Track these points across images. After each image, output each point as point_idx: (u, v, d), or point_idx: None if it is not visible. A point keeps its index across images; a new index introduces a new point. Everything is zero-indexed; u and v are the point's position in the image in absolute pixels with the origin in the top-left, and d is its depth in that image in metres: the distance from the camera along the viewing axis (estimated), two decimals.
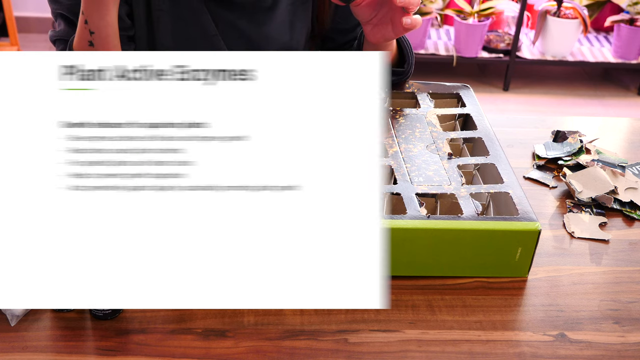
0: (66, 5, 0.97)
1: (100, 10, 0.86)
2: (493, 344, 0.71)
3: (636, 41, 2.98)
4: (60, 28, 1.00)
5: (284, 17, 1.05)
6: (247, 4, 1.02)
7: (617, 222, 0.92)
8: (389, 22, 0.92)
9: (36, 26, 3.28)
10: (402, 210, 0.79)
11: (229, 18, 1.03)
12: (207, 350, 0.69)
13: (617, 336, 0.73)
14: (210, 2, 1.01)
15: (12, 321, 0.71)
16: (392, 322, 0.74)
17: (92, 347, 0.69)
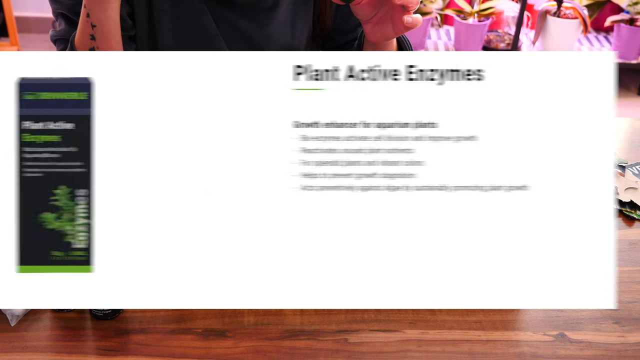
0: (67, 4, 0.97)
1: (102, 3, 0.86)
2: (493, 344, 0.71)
3: (636, 41, 2.98)
4: (61, 27, 1.00)
5: (285, 17, 1.05)
6: (248, 5, 1.02)
7: (617, 222, 0.92)
8: (389, 21, 0.92)
9: (36, 26, 3.28)
10: None
11: (229, 18, 1.02)
12: (207, 350, 0.69)
13: (617, 336, 0.73)
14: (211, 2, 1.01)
15: (12, 321, 0.71)
16: (392, 322, 0.74)
17: (92, 347, 0.69)
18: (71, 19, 0.97)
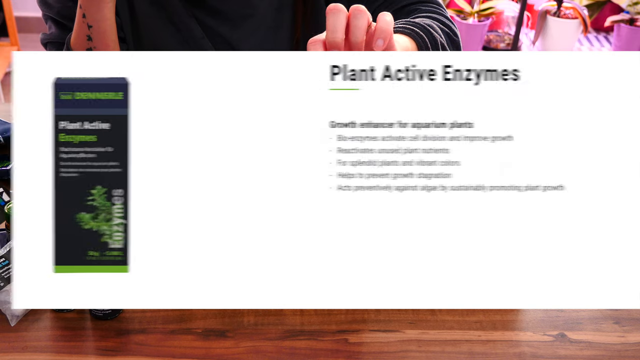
0: (56, 8, 0.97)
1: (98, 3, 0.86)
2: (493, 344, 0.71)
3: (636, 41, 2.98)
4: (51, 31, 1.00)
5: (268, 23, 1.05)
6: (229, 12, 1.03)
7: None
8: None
9: (36, 26, 3.28)
10: None
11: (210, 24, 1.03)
12: (207, 350, 0.69)
13: (617, 336, 0.73)
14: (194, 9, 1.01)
15: (12, 321, 0.71)
16: (392, 322, 0.74)
17: (92, 347, 0.69)
18: (61, 22, 0.97)
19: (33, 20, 3.29)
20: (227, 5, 1.02)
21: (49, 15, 0.99)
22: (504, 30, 3.15)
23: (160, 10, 1.01)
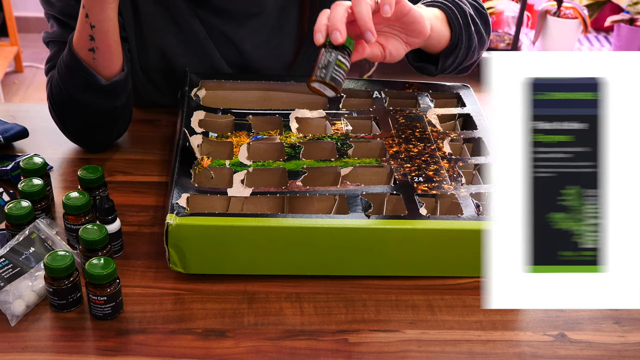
0: (58, 7, 0.97)
1: (101, 3, 0.86)
2: (493, 344, 0.71)
3: (636, 41, 2.98)
4: (53, 30, 1.00)
5: (273, 22, 1.05)
6: (234, 11, 1.02)
7: None
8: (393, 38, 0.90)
9: (36, 26, 3.28)
10: (402, 210, 0.79)
11: (215, 23, 1.03)
12: (207, 351, 0.69)
13: (617, 336, 0.73)
14: (199, 8, 1.01)
15: (12, 321, 0.71)
16: (392, 322, 0.74)
17: (92, 347, 0.69)
18: (63, 21, 0.97)
19: (33, 20, 3.29)
20: (232, 4, 1.02)
21: (51, 14, 0.98)
22: (504, 30, 3.15)
23: (164, 10, 1.01)
